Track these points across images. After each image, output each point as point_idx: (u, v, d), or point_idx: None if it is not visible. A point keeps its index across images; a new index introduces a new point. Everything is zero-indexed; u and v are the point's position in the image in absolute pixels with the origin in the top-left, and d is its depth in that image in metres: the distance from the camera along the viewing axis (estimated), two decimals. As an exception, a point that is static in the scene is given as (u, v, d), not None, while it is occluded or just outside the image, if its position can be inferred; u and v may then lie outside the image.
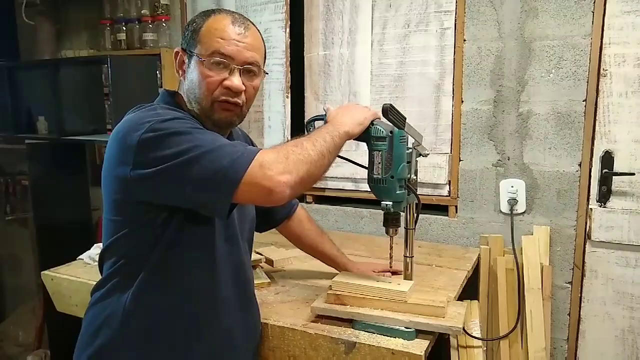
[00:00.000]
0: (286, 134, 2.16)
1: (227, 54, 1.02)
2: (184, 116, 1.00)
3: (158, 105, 1.04)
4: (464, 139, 1.88)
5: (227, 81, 1.02)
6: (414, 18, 1.92)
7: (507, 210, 1.83)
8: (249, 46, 1.04)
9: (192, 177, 0.89)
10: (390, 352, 1.13)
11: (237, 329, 1.13)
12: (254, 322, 1.21)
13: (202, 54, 1.02)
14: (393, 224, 1.25)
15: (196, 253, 1.03)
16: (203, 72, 1.02)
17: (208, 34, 1.02)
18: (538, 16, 1.73)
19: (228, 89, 1.03)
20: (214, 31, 1.02)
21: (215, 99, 1.03)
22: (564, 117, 1.73)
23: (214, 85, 1.02)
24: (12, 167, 2.78)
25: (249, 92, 1.07)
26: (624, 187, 1.68)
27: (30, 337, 2.70)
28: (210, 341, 1.08)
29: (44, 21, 2.68)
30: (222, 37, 1.02)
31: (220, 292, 1.08)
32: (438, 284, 1.47)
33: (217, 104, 1.04)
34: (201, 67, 1.02)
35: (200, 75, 1.02)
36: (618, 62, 1.64)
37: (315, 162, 0.94)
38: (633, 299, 1.70)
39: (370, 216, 2.09)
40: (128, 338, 1.01)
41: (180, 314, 1.04)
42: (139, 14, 2.48)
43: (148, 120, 0.93)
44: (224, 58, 1.02)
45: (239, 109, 1.07)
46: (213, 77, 1.02)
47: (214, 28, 1.02)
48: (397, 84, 1.97)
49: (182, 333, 1.04)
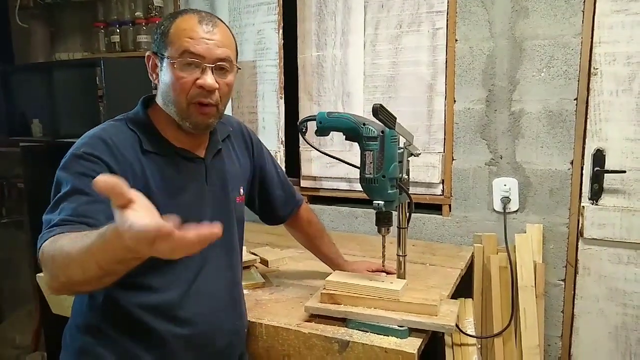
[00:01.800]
0: (280, 134, 2.17)
1: (197, 52, 1.01)
2: (92, 155, 0.98)
3: (109, 125, 1.07)
4: (456, 138, 1.89)
5: (200, 80, 1.02)
6: (406, 19, 1.93)
7: (500, 209, 1.84)
8: (218, 42, 1.04)
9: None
10: (383, 351, 1.14)
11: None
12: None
13: (173, 55, 1.02)
14: (385, 223, 1.26)
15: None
16: (175, 73, 1.02)
17: (176, 34, 1.02)
18: (529, 16, 1.74)
19: (202, 88, 1.02)
20: (182, 31, 1.02)
21: (190, 100, 1.03)
22: (556, 115, 1.74)
23: (187, 86, 1.02)
24: (7, 170, 2.77)
25: (222, 90, 1.06)
26: (615, 185, 1.70)
27: (27, 340, 2.70)
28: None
29: (38, 24, 2.67)
30: (191, 37, 1.01)
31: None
32: (431, 283, 1.48)
33: (193, 106, 1.04)
34: (173, 68, 1.02)
35: (173, 77, 1.02)
36: (608, 60, 1.66)
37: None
38: (625, 295, 1.72)
39: (364, 216, 2.10)
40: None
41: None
42: (132, 16, 2.48)
43: (69, 152, 1.01)
44: (194, 57, 1.01)
45: (214, 110, 1.06)
46: (185, 77, 1.02)
47: (182, 28, 1.02)
48: (390, 84, 1.98)
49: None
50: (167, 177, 1.06)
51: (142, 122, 1.08)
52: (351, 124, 1.22)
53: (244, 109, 2.27)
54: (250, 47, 2.22)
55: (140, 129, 1.06)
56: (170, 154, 1.08)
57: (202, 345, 1.10)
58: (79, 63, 2.44)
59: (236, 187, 1.21)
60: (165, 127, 1.08)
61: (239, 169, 1.24)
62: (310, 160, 2.18)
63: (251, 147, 1.31)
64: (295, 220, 1.46)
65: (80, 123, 2.17)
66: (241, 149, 1.27)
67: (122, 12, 2.51)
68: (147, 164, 1.04)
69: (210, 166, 1.13)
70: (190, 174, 1.10)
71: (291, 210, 1.43)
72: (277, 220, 1.44)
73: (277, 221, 1.44)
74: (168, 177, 1.06)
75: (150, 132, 1.07)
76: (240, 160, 1.25)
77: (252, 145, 1.31)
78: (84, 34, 2.72)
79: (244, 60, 2.22)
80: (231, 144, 1.24)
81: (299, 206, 1.45)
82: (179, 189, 1.07)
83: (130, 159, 1.02)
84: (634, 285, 1.70)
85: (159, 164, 1.05)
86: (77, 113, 2.20)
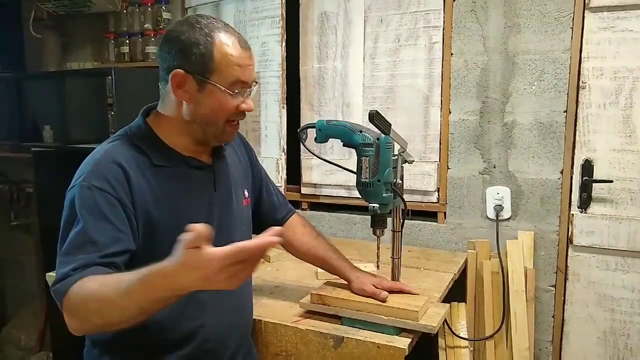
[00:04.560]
0: (282, 143, 2.24)
1: (246, 80, 1.04)
2: (101, 189, 0.98)
3: (112, 146, 1.05)
4: (451, 148, 1.96)
5: (244, 105, 1.06)
6: (404, 33, 2.01)
7: (493, 216, 1.91)
8: (254, 66, 1.07)
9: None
10: (375, 346, 1.20)
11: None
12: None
13: (222, 82, 1.02)
14: (380, 225, 1.33)
15: None
16: (225, 100, 1.03)
17: (225, 62, 1.01)
18: (521, 32, 1.82)
19: (244, 112, 1.07)
20: (230, 57, 1.01)
21: (228, 119, 1.07)
22: (546, 127, 1.81)
23: (232, 110, 1.05)
24: (17, 175, 2.86)
25: None
26: (603, 194, 1.76)
27: (32, 341, 2.75)
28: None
29: (51, 35, 2.77)
30: (239, 65, 1.02)
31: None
32: (425, 286, 1.54)
33: (228, 125, 1.07)
34: (222, 95, 1.02)
35: (218, 103, 1.03)
36: (596, 75, 1.73)
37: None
38: (614, 301, 1.77)
39: (362, 222, 2.16)
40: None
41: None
42: (142, 28, 2.58)
43: (76, 175, 1.02)
44: (244, 86, 1.04)
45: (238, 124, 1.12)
46: (233, 103, 1.04)
47: (229, 54, 1.01)
48: (388, 95, 2.06)
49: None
50: (177, 190, 1.07)
51: (146, 136, 1.08)
52: (348, 131, 1.30)
53: (248, 118, 2.34)
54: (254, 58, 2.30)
55: (146, 143, 1.06)
56: (180, 164, 1.09)
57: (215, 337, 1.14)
58: (90, 72, 2.53)
59: (241, 190, 1.23)
60: (170, 135, 1.08)
61: (241, 172, 1.26)
62: (310, 168, 2.25)
63: (250, 151, 1.34)
64: (288, 226, 1.40)
65: (90, 130, 2.25)
66: (242, 153, 1.30)
67: (132, 24, 2.60)
68: (158, 179, 1.04)
69: (218, 172, 1.15)
70: (200, 183, 1.11)
71: (286, 213, 1.41)
72: (272, 224, 1.37)
73: (271, 225, 1.41)
74: (178, 190, 1.07)
75: (157, 146, 1.07)
76: (242, 164, 1.28)
77: (249, 149, 1.34)
78: (95, 45, 2.81)
79: (248, 71, 2.31)
80: (232, 148, 1.26)
81: (293, 212, 1.44)
82: (190, 200, 1.08)
83: (139, 180, 1.02)
84: (621, 291, 1.76)
85: (169, 177, 1.06)
86: (87, 120, 2.27)
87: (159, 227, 1.03)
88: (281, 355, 1.30)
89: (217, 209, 1.13)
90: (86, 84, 2.30)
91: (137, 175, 1.02)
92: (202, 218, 1.08)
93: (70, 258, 0.93)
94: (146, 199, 1.02)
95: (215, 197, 1.14)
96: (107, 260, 0.94)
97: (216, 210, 1.13)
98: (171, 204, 1.05)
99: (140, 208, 1.01)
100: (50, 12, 2.68)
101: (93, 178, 0.99)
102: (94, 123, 2.25)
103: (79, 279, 0.89)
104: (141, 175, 1.03)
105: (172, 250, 0.76)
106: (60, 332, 2.46)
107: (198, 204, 1.10)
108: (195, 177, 1.11)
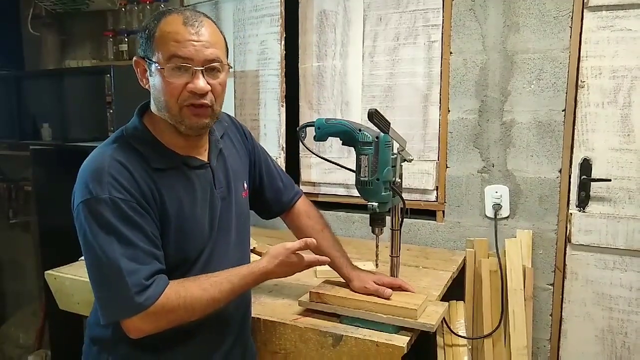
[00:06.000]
0: (281, 141, 2.25)
1: (185, 56, 0.98)
2: (119, 192, 0.99)
3: (115, 149, 1.04)
4: (450, 146, 1.97)
5: (191, 84, 1.00)
6: (403, 31, 2.01)
7: (491, 215, 1.91)
8: (206, 44, 1.00)
9: (92, 277, 1.02)
10: (374, 344, 1.20)
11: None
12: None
13: (160, 60, 0.99)
14: (379, 223, 1.33)
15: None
16: (164, 79, 1.00)
17: (162, 38, 0.99)
18: (519, 31, 1.82)
19: (193, 93, 1.00)
20: (167, 35, 0.99)
21: (182, 103, 1.01)
22: (545, 126, 1.82)
23: (177, 91, 1.00)
24: (16, 174, 2.86)
25: (216, 90, 1.04)
26: (601, 193, 1.77)
27: (31, 339, 2.75)
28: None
29: (49, 33, 2.77)
30: (177, 40, 0.98)
31: None
32: (423, 284, 1.54)
33: (185, 109, 1.02)
34: (161, 74, 1.00)
35: (162, 83, 1.00)
36: (595, 74, 1.74)
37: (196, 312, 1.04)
38: (611, 300, 1.78)
39: (361, 220, 2.16)
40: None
41: None
42: (140, 26, 2.55)
43: (87, 187, 0.99)
44: (183, 62, 0.99)
45: (209, 110, 1.04)
46: (175, 82, 1.00)
47: (167, 31, 0.99)
48: (387, 94, 2.07)
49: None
50: (179, 192, 1.07)
51: (143, 138, 1.07)
52: (348, 129, 1.30)
53: (247, 116, 2.35)
54: (253, 57, 2.30)
55: (143, 145, 1.05)
56: (178, 166, 1.08)
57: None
58: (89, 70, 2.53)
59: (240, 183, 1.23)
60: (164, 133, 1.07)
61: (240, 164, 1.25)
62: (309, 166, 2.25)
63: (246, 138, 1.32)
64: (294, 211, 1.40)
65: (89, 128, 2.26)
66: (239, 142, 1.28)
67: (131, 21, 2.60)
68: (160, 182, 1.04)
69: (216, 169, 1.15)
70: (200, 183, 1.11)
71: (291, 199, 1.39)
72: (278, 209, 1.39)
73: (277, 211, 1.39)
74: (180, 192, 1.07)
75: (154, 147, 1.06)
76: (240, 154, 1.26)
77: (246, 136, 1.32)
78: (93, 43, 2.81)
79: (248, 70, 2.31)
80: (229, 140, 1.24)
81: (299, 196, 1.42)
82: (191, 201, 1.08)
83: (147, 182, 1.03)
84: (619, 289, 1.76)
85: (170, 180, 1.06)
86: (86, 118, 2.28)
87: (166, 227, 1.05)
88: (280, 353, 1.30)
89: (217, 207, 1.13)
90: (85, 82, 2.31)
91: (143, 177, 1.03)
92: (205, 217, 1.11)
93: (135, 267, 0.97)
94: (155, 199, 1.03)
95: (215, 194, 1.14)
96: (161, 265, 1.02)
97: (217, 208, 1.13)
98: (175, 204, 1.06)
99: (153, 208, 1.03)
100: (49, 9, 2.68)
101: (113, 190, 0.98)
102: (92, 121, 2.25)
103: (164, 288, 0.99)
104: (147, 177, 1.03)
105: (178, 248, 1.05)
106: (59, 330, 2.47)
107: (199, 204, 1.10)
108: (195, 177, 1.11)
